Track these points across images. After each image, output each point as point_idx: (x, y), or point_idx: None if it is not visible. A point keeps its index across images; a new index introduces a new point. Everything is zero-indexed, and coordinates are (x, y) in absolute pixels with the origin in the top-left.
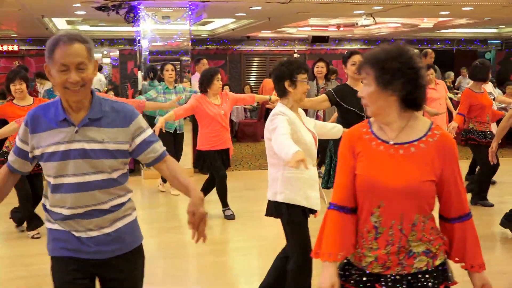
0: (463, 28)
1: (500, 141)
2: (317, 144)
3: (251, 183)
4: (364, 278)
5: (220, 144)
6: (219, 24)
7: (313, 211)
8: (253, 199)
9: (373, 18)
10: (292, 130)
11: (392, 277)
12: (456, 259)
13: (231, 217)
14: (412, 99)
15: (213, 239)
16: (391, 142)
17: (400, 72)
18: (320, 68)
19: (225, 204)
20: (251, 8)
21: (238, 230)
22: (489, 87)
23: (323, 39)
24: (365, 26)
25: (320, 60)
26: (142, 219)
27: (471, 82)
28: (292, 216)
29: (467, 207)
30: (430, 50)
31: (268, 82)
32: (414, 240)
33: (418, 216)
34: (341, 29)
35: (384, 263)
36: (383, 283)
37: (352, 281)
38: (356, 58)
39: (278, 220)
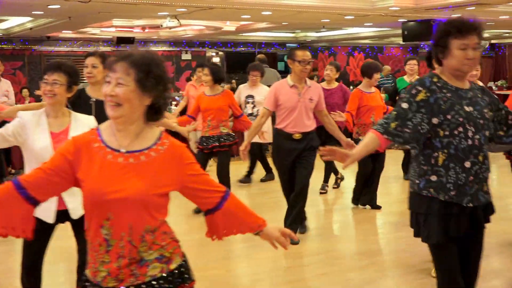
0: (263, 31)
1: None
2: None
3: None
4: None
5: None
6: (15, 23)
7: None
8: None
9: (178, 20)
10: (26, 135)
11: None
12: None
13: None
14: (158, 107)
15: None
16: (123, 150)
17: (162, 79)
18: None
19: None
20: (49, 6)
21: None
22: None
23: (129, 40)
24: (170, 28)
25: None
26: None
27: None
28: None
29: (221, 186)
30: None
31: None
32: (145, 250)
33: (148, 226)
34: (147, 30)
35: (117, 276)
36: None
37: None
38: (89, 60)
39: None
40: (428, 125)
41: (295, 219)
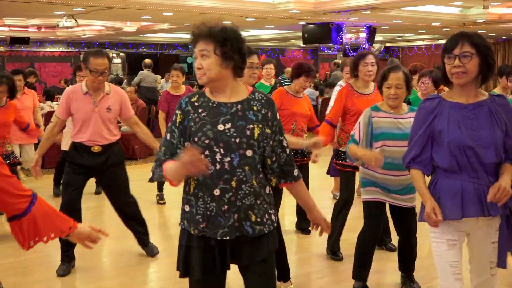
0: (166, 33)
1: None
2: None
3: None
4: None
5: None
6: None
7: None
8: None
9: (75, 20)
10: None
11: None
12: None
13: None
14: None
15: None
16: None
17: None
18: None
19: None
20: None
21: None
22: None
23: (23, 40)
24: (67, 28)
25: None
26: None
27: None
28: None
29: (27, 189)
30: None
31: None
32: None
33: None
34: (43, 30)
35: None
36: None
37: None
38: None
39: None
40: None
41: (146, 238)
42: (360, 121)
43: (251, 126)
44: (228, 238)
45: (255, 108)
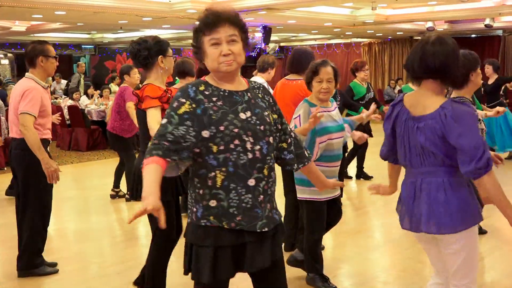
0: (58, 32)
1: None
2: None
3: None
4: None
5: None
6: None
7: None
8: None
9: None
10: None
11: None
12: None
13: None
14: None
15: None
16: None
17: None
18: None
19: None
20: None
21: None
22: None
23: None
24: None
25: None
26: None
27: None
28: None
29: None
30: None
31: None
32: None
33: None
34: None
35: None
36: None
37: None
38: None
39: None
40: (195, 138)
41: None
42: (300, 115)
43: (266, 113)
44: (266, 229)
45: (260, 95)
